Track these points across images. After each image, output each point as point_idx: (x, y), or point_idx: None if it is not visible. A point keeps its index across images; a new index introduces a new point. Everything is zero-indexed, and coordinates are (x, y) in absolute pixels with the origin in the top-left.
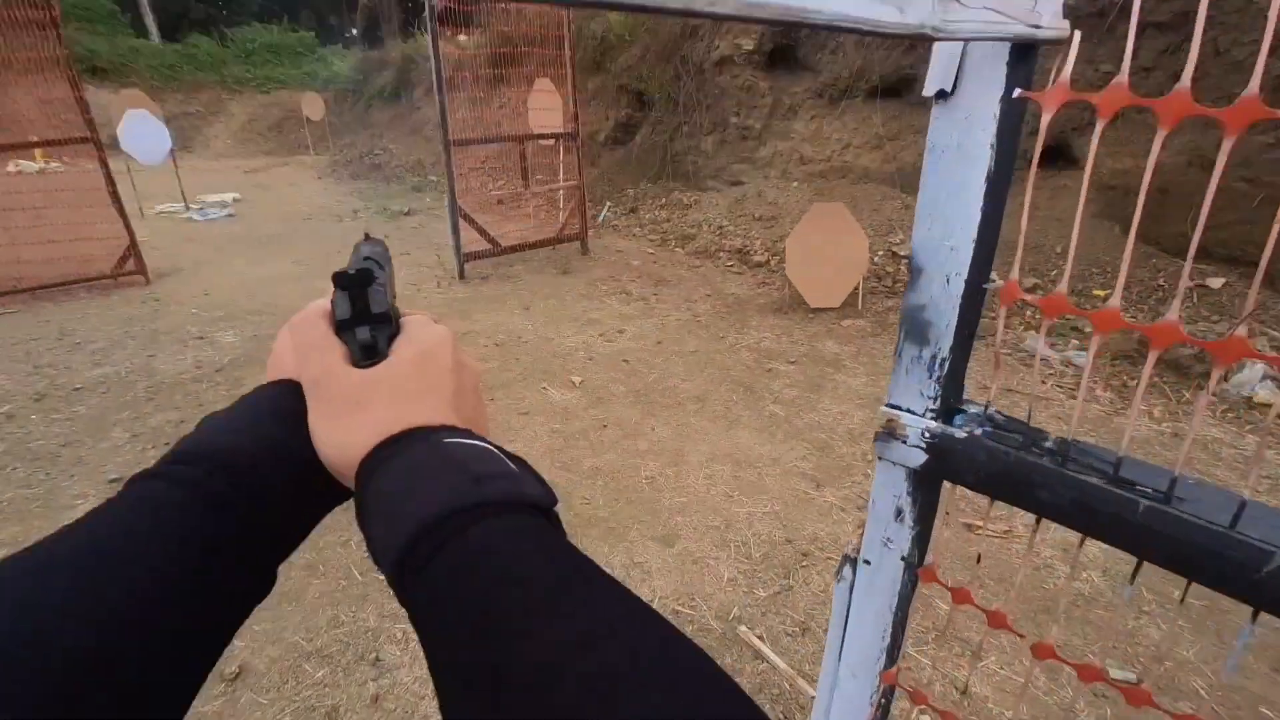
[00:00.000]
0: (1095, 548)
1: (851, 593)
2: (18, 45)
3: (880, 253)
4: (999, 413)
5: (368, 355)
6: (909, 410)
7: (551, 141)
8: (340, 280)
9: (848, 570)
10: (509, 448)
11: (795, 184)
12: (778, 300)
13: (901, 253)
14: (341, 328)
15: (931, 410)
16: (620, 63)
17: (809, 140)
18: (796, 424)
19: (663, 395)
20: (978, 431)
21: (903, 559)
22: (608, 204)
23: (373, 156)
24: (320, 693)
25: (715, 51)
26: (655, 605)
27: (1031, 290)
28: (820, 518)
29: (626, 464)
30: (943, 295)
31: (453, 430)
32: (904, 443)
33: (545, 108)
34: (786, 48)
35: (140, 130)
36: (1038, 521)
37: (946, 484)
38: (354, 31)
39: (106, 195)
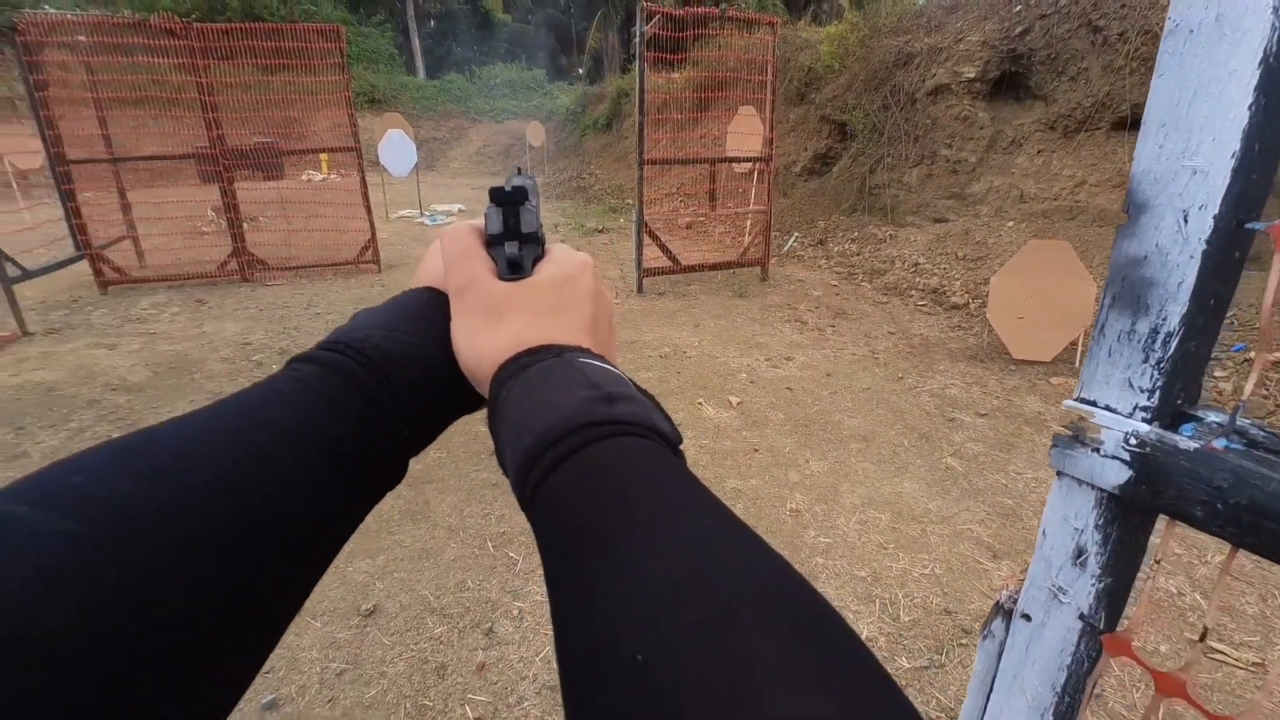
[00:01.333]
0: None
1: (1001, 657)
2: (323, 85)
3: None
4: (1258, 424)
5: (513, 270)
6: (1107, 407)
7: (746, 168)
8: (496, 195)
9: (999, 625)
10: None
11: (1010, 223)
12: (973, 346)
13: None
14: (490, 243)
15: (1145, 409)
16: (825, 93)
17: (1033, 176)
18: (977, 483)
19: (824, 429)
20: (1219, 445)
21: (1081, 617)
22: (795, 234)
23: (579, 180)
24: (435, 648)
25: (930, 80)
26: None
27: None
28: (992, 594)
29: (772, 492)
30: (1175, 240)
31: (587, 352)
32: (1095, 452)
33: (745, 132)
34: (1015, 75)
35: (395, 147)
36: None
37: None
38: (580, 71)
39: (361, 199)
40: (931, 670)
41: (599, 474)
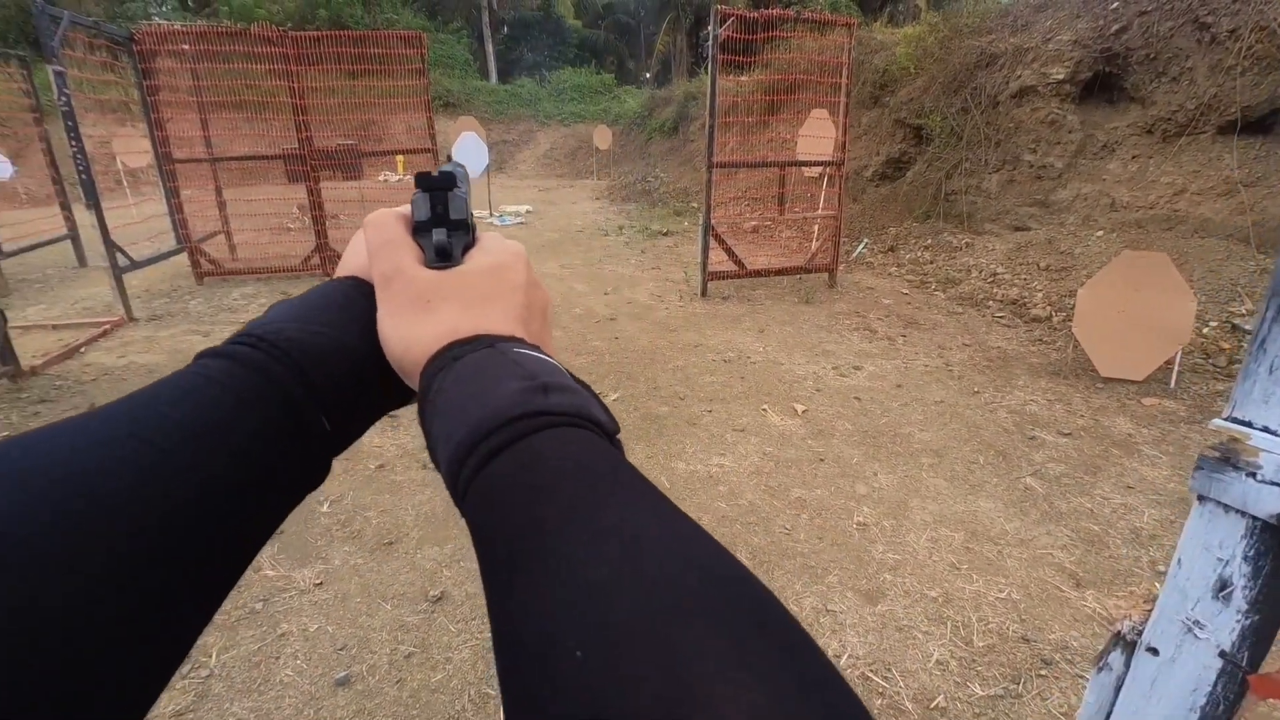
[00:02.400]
0: None
1: (1119, 692)
2: (403, 89)
3: (1214, 324)
4: None
5: (441, 258)
6: (1266, 429)
7: (816, 172)
8: (423, 181)
9: (1117, 657)
10: (716, 460)
11: (1100, 233)
12: (1055, 362)
13: (1247, 326)
14: (418, 230)
15: None
16: (900, 96)
17: (1126, 183)
18: (1059, 506)
19: (893, 441)
20: None
21: (1222, 654)
22: (865, 240)
23: (645, 183)
24: None
25: (1015, 81)
26: (843, 664)
27: None
28: (1075, 624)
29: (838, 504)
30: None
31: (521, 342)
32: (1251, 477)
33: (816, 135)
34: (1109, 76)
35: (468, 148)
36: None
37: None
38: (648, 75)
39: None
40: (1007, 700)
41: (535, 467)
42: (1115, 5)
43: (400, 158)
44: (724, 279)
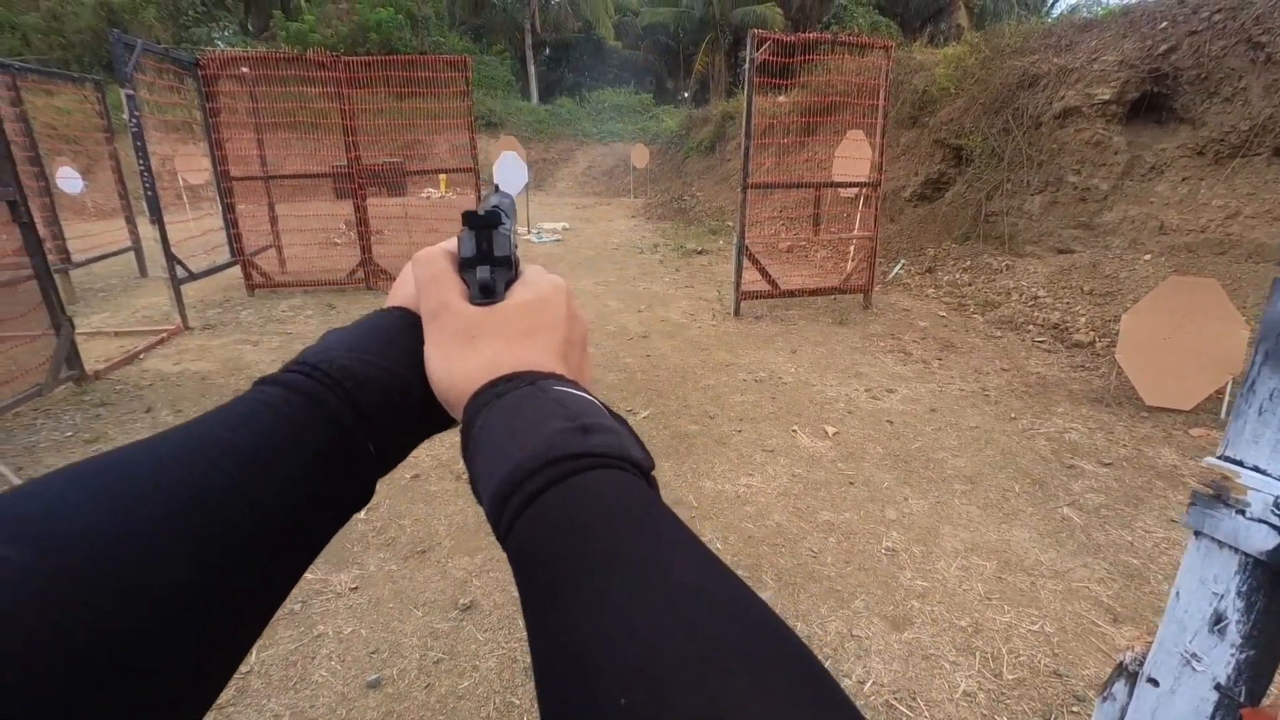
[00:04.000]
0: None
1: None
2: (447, 110)
3: None
4: None
5: (485, 294)
6: (1256, 468)
7: (852, 193)
8: (470, 219)
9: (1120, 688)
10: (745, 480)
11: (1147, 256)
12: (1098, 389)
13: None
14: (463, 267)
15: None
16: (940, 116)
17: (1175, 205)
18: (1097, 538)
19: (926, 466)
20: None
21: (1218, 688)
22: (902, 261)
23: (680, 201)
24: (525, 648)
25: (1059, 102)
26: (868, 690)
27: None
28: (1111, 660)
29: (867, 528)
30: None
31: (561, 379)
32: (1241, 514)
33: (852, 156)
34: (1157, 96)
35: (509, 167)
36: None
37: None
38: (686, 94)
39: None
40: None
41: (575, 510)
42: (1164, 25)
43: (443, 176)
44: (757, 298)
